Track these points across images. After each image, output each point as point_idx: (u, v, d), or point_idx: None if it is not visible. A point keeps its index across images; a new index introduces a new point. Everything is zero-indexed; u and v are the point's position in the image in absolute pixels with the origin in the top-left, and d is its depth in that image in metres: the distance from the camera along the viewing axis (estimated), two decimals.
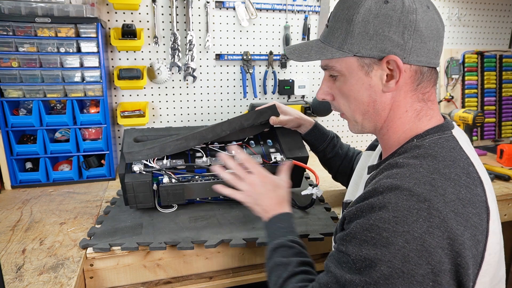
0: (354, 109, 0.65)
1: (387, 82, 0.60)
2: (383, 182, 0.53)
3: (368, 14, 0.58)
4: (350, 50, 0.60)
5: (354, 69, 0.61)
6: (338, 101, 0.68)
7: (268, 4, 1.53)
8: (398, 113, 0.63)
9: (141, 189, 0.95)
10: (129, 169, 0.97)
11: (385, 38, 0.57)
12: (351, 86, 0.63)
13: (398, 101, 0.62)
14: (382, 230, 0.49)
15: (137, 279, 0.89)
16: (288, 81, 1.61)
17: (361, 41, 0.59)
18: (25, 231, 0.93)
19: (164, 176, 0.97)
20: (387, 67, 0.59)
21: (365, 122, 0.66)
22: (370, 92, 0.62)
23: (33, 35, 1.15)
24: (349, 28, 0.60)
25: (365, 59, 0.60)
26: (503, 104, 1.89)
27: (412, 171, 0.53)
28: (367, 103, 0.63)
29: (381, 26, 0.57)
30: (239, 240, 0.87)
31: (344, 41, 0.61)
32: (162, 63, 1.46)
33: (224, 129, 1.03)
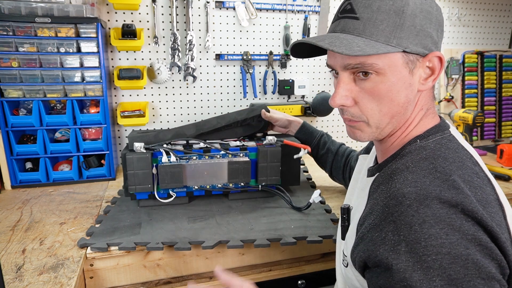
0: (386, 113, 0.58)
1: (425, 79, 0.57)
2: (405, 191, 0.50)
3: (415, 8, 0.54)
4: (399, 44, 0.54)
5: (398, 66, 0.55)
6: (364, 105, 0.58)
7: (268, 4, 1.53)
8: (415, 113, 0.60)
9: (141, 165, 0.98)
10: (131, 150, 1.02)
11: (427, 34, 0.55)
12: (391, 85, 0.55)
13: (421, 100, 0.59)
14: (420, 246, 0.46)
15: (137, 279, 0.89)
16: (288, 81, 1.61)
17: (409, 35, 0.54)
18: (25, 231, 0.93)
19: (163, 155, 0.99)
20: (426, 65, 0.57)
21: (388, 126, 0.59)
22: (408, 92, 0.57)
23: (33, 35, 1.15)
24: (398, 20, 0.54)
25: (411, 55, 0.55)
26: (503, 104, 1.89)
27: (431, 178, 0.51)
28: (402, 104, 0.57)
29: (425, 21, 0.55)
30: (237, 242, 0.87)
31: (392, 34, 0.54)
32: (162, 63, 1.46)
33: (219, 121, 1.10)
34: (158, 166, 0.98)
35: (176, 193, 1.05)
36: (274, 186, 1.12)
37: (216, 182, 1.05)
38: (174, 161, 1.00)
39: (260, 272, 0.97)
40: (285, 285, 0.99)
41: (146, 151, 1.00)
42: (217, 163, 1.03)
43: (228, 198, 1.11)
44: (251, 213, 1.02)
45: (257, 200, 1.11)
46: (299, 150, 1.09)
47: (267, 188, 1.11)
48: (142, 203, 1.05)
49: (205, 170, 1.02)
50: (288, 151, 1.09)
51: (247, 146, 1.08)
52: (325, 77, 1.70)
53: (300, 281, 1.00)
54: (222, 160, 1.03)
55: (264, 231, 0.92)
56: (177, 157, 1.00)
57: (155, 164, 1.00)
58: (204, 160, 1.03)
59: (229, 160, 1.03)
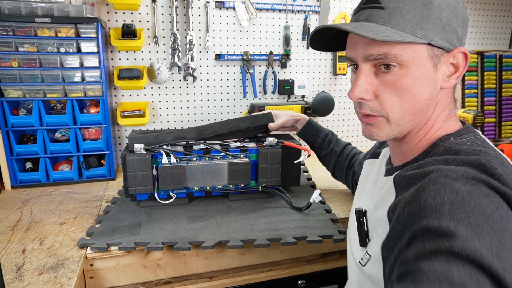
0: (408, 108, 0.55)
1: (449, 77, 0.55)
2: (449, 173, 0.46)
3: (442, 1, 0.53)
4: (425, 36, 0.52)
5: (422, 60, 0.53)
6: (386, 99, 0.55)
7: (268, 4, 1.53)
8: (437, 112, 0.57)
9: (141, 167, 0.98)
10: (131, 151, 1.02)
11: (453, 29, 0.53)
12: (415, 79, 0.53)
13: (443, 99, 0.57)
14: (490, 212, 0.42)
15: (137, 279, 0.90)
16: (288, 81, 1.61)
17: (435, 28, 0.52)
18: (25, 231, 0.93)
19: (163, 157, 0.99)
20: (450, 61, 0.55)
21: (408, 124, 0.57)
22: (432, 87, 0.54)
23: (33, 35, 1.15)
24: (425, 11, 0.52)
25: (436, 49, 0.53)
26: (503, 104, 1.89)
27: (477, 169, 0.47)
28: (425, 101, 0.55)
29: (451, 16, 0.53)
30: (237, 242, 0.87)
31: (418, 25, 0.52)
32: (162, 63, 1.46)
33: (222, 127, 1.10)
34: (158, 168, 0.98)
35: (176, 194, 1.05)
36: (274, 187, 1.12)
37: (216, 183, 1.05)
38: (174, 162, 1.00)
39: (260, 272, 0.97)
40: (285, 285, 0.99)
41: (146, 152, 1.00)
42: (217, 165, 1.03)
43: (228, 199, 1.11)
44: (251, 213, 1.02)
45: (257, 200, 1.11)
46: (299, 151, 1.10)
47: (267, 189, 1.11)
48: (142, 204, 1.05)
49: (205, 172, 1.02)
50: (289, 152, 1.09)
51: (247, 147, 1.08)
52: (325, 77, 1.70)
53: (300, 281, 1.00)
54: (222, 162, 1.03)
55: (264, 231, 0.92)
56: (177, 158, 1.00)
57: (155, 166, 1.00)
58: (204, 162, 1.03)
59: (229, 162, 1.03)
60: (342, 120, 1.78)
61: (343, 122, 1.78)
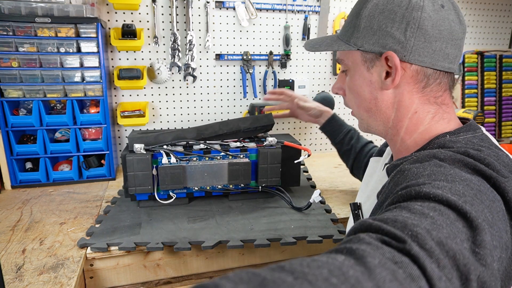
0: (359, 105, 0.64)
1: (385, 79, 0.58)
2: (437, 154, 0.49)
3: (375, 9, 0.57)
4: (355, 44, 0.59)
5: (358, 64, 0.61)
6: (348, 96, 0.66)
7: (268, 4, 1.53)
8: (406, 114, 0.60)
9: (141, 167, 0.98)
10: (131, 151, 1.02)
11: (387, 34, 0.56)
12: (355, 81, 0.62)
13: (402, 101, 0.59)
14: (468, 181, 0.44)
15: (137, 279, 0.90)
16: (288, 81, 1.61)
17: (365, 35, 0.58)
18: (25, 231, 0.93)
19: (163, 157, 0.99)
20: (387, 64, 0.57)
21: (370, 120, 0.64)
22: (371, 88, 0.60)
23: (33, 35, 1.15)
24: (356, 22, 0.59)
25: (368, 54, 0.59)
26: (503, 104, 1.89)
27: (442, 156, 0.49)
28: (369, 100, 0.61)
29: (385, 21, 0.56)
30: (237, 242, 0.87)
31: (352, 35, 0.60)
32: (162, 63, 1.46)
33: (222, 128, 1.10)
34: (158, 168, 0.98)
35: (176, 194, 1.05)
36: (274, 187, 1.12)
37: (216, 183, 1.05)
38: (174, 162, 1.00)
39: None
40: None
41: (146, 152, 1.00)
42: (217, 165, 1.03)
43: (228, 199, 1.11)
44: (251, 213, 1.02)
45: (257, 200, 1.11)
46: (299, 151, 1.10)
47: (267, 189, 1.11)
48: (142, 204, 1.05)
49: (205, 172, 1.02)
50: (289, 152, 1.09)
51: (247, 147, 1.08)
52: (325, 77, 1.70)
53: None
54: (222, 162, 1.03)
55: (264, 231, 0.92)
56: (177, 158, 1.00)
57: (155, 166, 1.00)
58: (204, 162, 1.03)
59: (229, 162, 1.03)
60: None
61: None
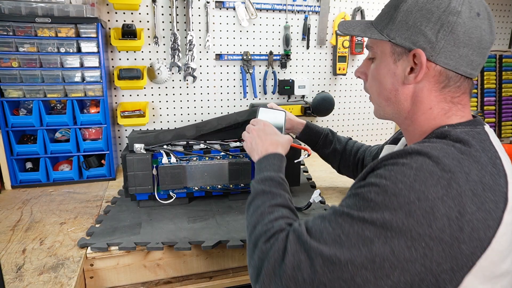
0: (379, 93, 0.67)
1: (408, 74, 0.61)
2: (412, 146, 0.54)
3: (414, 6, 0.59)
4: (388, 35, 0.62)
5: (386, 54, 0.63)
6: (370, 82, 0.69)
7: (268, 4, 1.53)
8: (421, 108, 0.63)
9: (141, 167, 0.98)
10: (131, 151, 1.02)
11: (420, 32, 0.58)
12: (380, 70, 0.65)
13: (420, 96, 0.62)
14: (399, 181, 0.49)
15: (137, 279, 0.90)
16: (288, 81, 1.61)
17: (399, 29, 0.60)
18: (25, 231, 0.93)
19: (163, 157, 0.99)
20: (413, 60, 0.60)
21: (388, 109, 0.67)
22: (394, 80, 0.63)
23: (33, 35, 1.15)
24: (393, 14, 0.61)
25: (398, 47, 0.61)
26: (503, 104, 1.89)
27: (444, 147, 0.53)
28: (389, 90, 0.64)
29: (421, 19, 0.58)
30: (237, 242, 0.87)
31: (386, 26, 0.62)
32: (162, 63, 1.46)
33: (220, 122, 1.09)
34: (158, 167, 0.98)
35: (176, 194, 1.05)
36: None
37: (216, 183, 1.05)
38: (174, 162, 1.00)
39: None
40: None
41: (146, 152, 1.00)
42: (217, 164, 1.03)
43: (228, 198, 1.11)
44: None
45: None
46: (299, 151, 1.10)
47: None
48: (142, 204, 1.06)
49: (205, 171, 1.02)
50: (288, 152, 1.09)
51: None
52: (325, 77, 1.70)
53: None
54: (222, 161, 1.03)
55: None
56: (177, 158, 1.01)
57: (155, 165, 1.00)
58: (204, 161, 1.03)
59: (229, 161, 1.03)
60: (342, 120, 1.78)
61: (343, 122, 1.78)
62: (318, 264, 0.49)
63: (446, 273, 0.48)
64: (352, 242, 0.49)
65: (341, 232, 0.50)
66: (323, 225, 0.53)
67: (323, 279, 0.49)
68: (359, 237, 0.49)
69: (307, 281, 0.49)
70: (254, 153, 0.83)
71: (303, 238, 0.52)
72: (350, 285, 0.48)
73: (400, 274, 0.47)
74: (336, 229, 0.51)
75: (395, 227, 0.47)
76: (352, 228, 0.49)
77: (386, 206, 0.48)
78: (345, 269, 0.48)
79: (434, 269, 0.48)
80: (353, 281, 0.48)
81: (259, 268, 0.55)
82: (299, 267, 0.50)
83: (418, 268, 0.47)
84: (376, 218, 0.48)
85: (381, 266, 0.47)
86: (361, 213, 0.50)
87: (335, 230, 0.51)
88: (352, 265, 0.48)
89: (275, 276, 0.52)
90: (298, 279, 0.50)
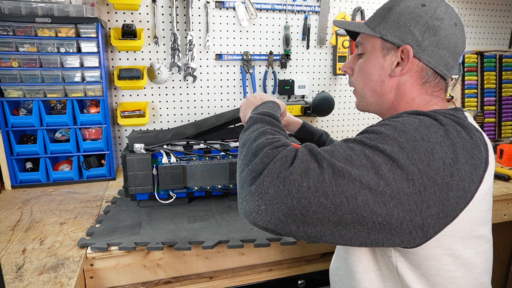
0: (365, 84, 0.73)
1: (395, 67, 0.68)
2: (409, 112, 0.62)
3: (405, 9, 0.68)
4: (380, 32, 0.69)
5: (376, 49, 0.71)
6: (356, 76, 0.76)
7: (268, 4, 1.53)
8: (404, 99, 0.70)
9: (141, 167, 0.98)
10: (131, 151, 1.02)
11: (409, 31, 0.67)
12: (368, 63, 0.72)
13: (404, 89, 0.69)
14: (406, 123, 0.56)
15: (137, 279, 0.90)
16: (288, 81, 1.61)
17: (390, 27, 0.68)
18: (25, 231, 0.93)
19: (163, 157, 0.99)
20: (400, 56, 0.68)
21: (371, 99, 0.73)
22: (381, 72, 0.70)
23: (33, 35, 1.15)
24: (387, 15, 0.69)
25: (388, 43, 0.69)
26: (503, 104, 1.89)
27: (434, 110, 0.62)
28: (376, 82, 0.71)
29: (410, 21, 0.67)
30: (237, 241, 0.87)
31: (379, 24, 0.70)
32: (162, 63, 1.46)
33: (219, 119, 1.09)
34: (158, 167, 0.98)
35: (176, 194, 1.05)
36: None
37: (216, 183, 1.05)
38: (174, 162, 1.00)
39: (260, 272, 0.97)
40: (285, 285, 0.99)
41: (146, 152, 1.00)
42: (217, 164, 1.03)
43: (228, 198, 1.11)
44: None
45: None
46: None
47: None
48: (142, 204, 1.06)
49: (205, 171, 1.02)
50: None
51: None
52: (325, 77, 1.70)
53: (300, 281, 1.00)
54: (222, 161, 1.03)
55: None
56: (177, 158, 1.01)
57: (155, 165, 1.00)
58: (204, 161, 1.03)
59: (229, 161, 1.03)
60: (342, 120, 1.78)
61: (343, 122, 1.78)
62: (327, 174, 0.49)
63: (432, 218, 0.52)
64: (362, 162, 0.51)
65: (352, 153, 0.53)
66: (334, 148, 0.54)
67: (327, 190, 0.49)
68: (369, 160, 0.51)
69: (311, 189, 0.49)
70: (249, 110, 0.82)
71: (315, 150, 0.53)
72: (350, 203, 0.49)
73: (395, 206, 0.50)
74: (347, 150, 0.53)
75: (401, 159, 0.51)
76: (363, 152, 0.52)
77: (395, 139, 0.53)
78: (351, 185, 0.49)
79: (424, 211, 0.51)
80: (354, 199, 0.49)
81: (260, 170, 0.53)
82: (306, 174, 0.50)
83: (412, 205, 0.51)
84: (386, 148, 0.52)
85: (382, 192, 0.50)
86: (373, 142, 0.54)
87: (346, 151, 0.53)
88: (359, 183, 0.49)
89: (278, 179, 0.50)
90: (302, 185, 0.49)
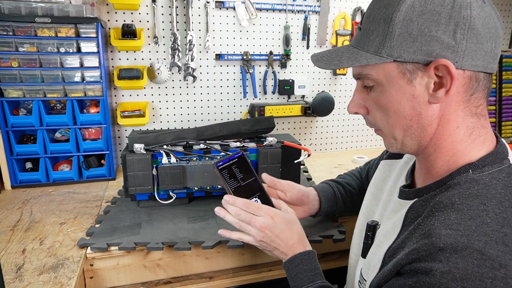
0: (394, 124, 0.55)
1: (435, 91, 0.51)
2: (442, 233, 0.45)
3: (411, 12, 0.49)
4: (389, 54, 0.51)
5: (394, 77, 0.52)
6: (374, 115, 0.58)
7: (268, 4, 1.53)
8: (448, 129, 0.53)
9: (141, 166, 0.98)
10: (131, 151, 1.02)
11: (432, 39, 0.48)
12: (390, 97, 0.54)
13: (448, 114, 0.52)
14: None
15: (137, 279, 0.90)
16: (288, 81, 1.61)
17: (402, 43, 0.50)
18: (25, 231, 0.93)
19: (163, 157, 0.99)
20: (435, 74, 0.50)
21: (406, 139, 0.56)
22: (414, 103, 0.52)
23: (33, 35, 1.15)
24: (387, 29, 0.51)
25: (408, 64, 0.51)
26: (503, 104, 1.89)
27: (479, 223, 0.44)
28: (410, 117, 0.53)
29: (427, 25, 0.48)
30: (237, 241, 0.87)
31: (382, 44, 0.52)
32: (162, 63, 1.46)
33: (222, 129, 1.10)
34: (158, 168, 0.98)
35: (176, 194, 1.05)
36: None
37: (216, 183, 1.05)
38: (174, 162, 1.00)
39: (260, 272, 0.97)
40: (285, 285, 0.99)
41: (146, 152, 1.00)
42: None
43: None
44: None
45: None
46: (299, 151, 1.10)
47: None
48: (142, 204, 1.05)
49: (205, 172, 1.02)
50: (289, 152, 1.09)
51: (247, 147, 1.08)
52: (325, 77, 1.70)
53: None
54: None
55: None
56: (177, 158, 1.01)
57: (155, 166, 1.00)
58: (204, 162, 1.03)
59: None
60: (342, 120, 1.78)
61: (343, 122, 1.78)
62: None
63: None
64: None
65: None
66: None
67: None
68: None
69: None
70: (277, 252, 0.72)
71: None
72: None
73: None
74: None
75: None
76: None
77: None
78: None
79: None
80: None
81: None
82: None
83: None
84: None
85: None
86: None
87: None
88: None
89: None
90: None
